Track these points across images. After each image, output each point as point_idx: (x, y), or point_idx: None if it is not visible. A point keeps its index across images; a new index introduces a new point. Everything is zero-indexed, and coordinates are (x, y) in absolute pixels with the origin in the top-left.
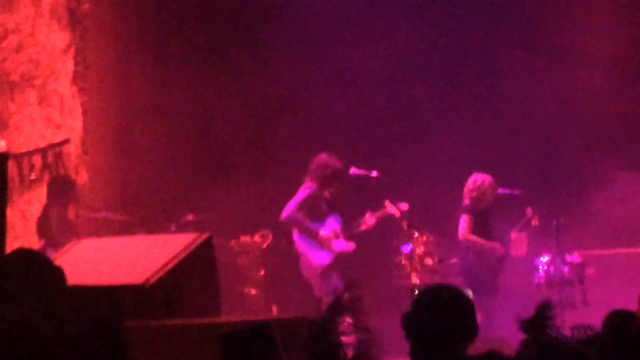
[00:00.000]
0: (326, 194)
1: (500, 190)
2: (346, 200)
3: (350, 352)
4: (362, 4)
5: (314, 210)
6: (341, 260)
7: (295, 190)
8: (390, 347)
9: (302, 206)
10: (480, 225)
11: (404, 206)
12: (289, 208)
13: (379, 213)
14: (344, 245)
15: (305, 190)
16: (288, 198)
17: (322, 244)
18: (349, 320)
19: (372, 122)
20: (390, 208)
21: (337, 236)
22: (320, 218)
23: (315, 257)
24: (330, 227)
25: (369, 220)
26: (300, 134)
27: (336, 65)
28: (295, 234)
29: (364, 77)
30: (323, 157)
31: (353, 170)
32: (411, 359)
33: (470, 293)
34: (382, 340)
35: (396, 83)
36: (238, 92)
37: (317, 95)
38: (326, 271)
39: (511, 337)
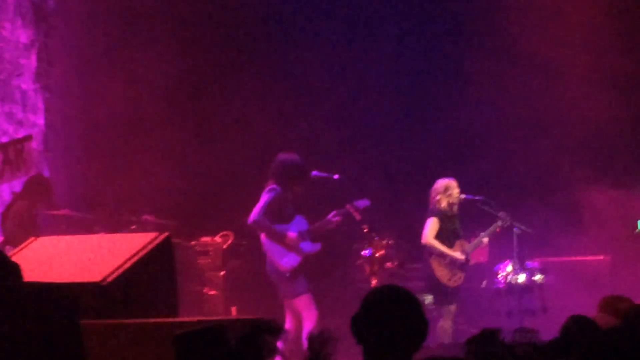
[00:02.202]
0: (291, 195)
1: (463, 196)
2: (308, 202)
3: None
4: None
5: (280, 212)
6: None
7: (259, 193)
8: (349, 352)
9: (267, 209)
10: (445, 230)
11: (365, 202)
12: (256, 212)
13: (344, 211)
14: (311, 247)
15: (270, 193)
16: (251, 198)
17: (290, 247)
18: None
19: (335, 123)
20: (352, 211)
21: (303, 238)
22: (286, 220)
23: (283, 260)
24: (296, 229)
25: (336, 219)
26: (269, 128)
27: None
28: (263, 238)
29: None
30: (285, 157)
31: (315, 173)
32: None
33: (430, 298)
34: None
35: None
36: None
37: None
38: (294, 273)
39: None
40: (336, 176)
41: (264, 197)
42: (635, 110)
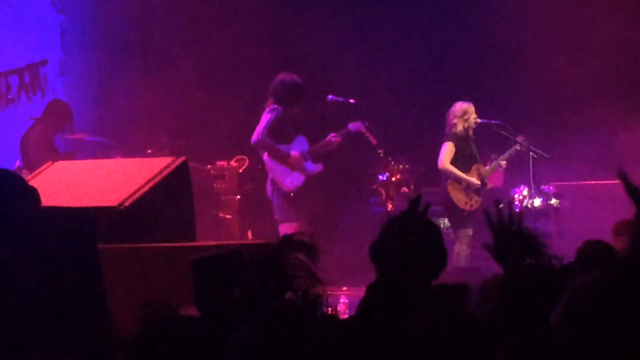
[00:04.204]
0: (291, 114)
1: (480, 120)
2: (316, 124)
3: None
4: None
5: (281, 132)
6: (318, 187)
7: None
8: (362, 275)
9: (269, 129)
10: (461, 154)
11: (359, 125)
12: (258, 132)
13: (342, 132)
14: (314, 167)
15: (271, 113)
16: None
17: (294, 167)
18: (300, 258)
19: (347, 52)
20: (368, 135)
21: (305, 158)
22: (287, 140)
23: (287, 180)
24: (298, 149)
25: (334, 139)
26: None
27: None
28: (265, 157)
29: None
30: (284, 76)
31: (331, 97)
32: (373, 289)
33: (447, 221)
34: (356, 269)
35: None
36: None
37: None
38: (299, 192)
39: (485, 267)
40: (352, 100)
41: (266, 117)
42: None
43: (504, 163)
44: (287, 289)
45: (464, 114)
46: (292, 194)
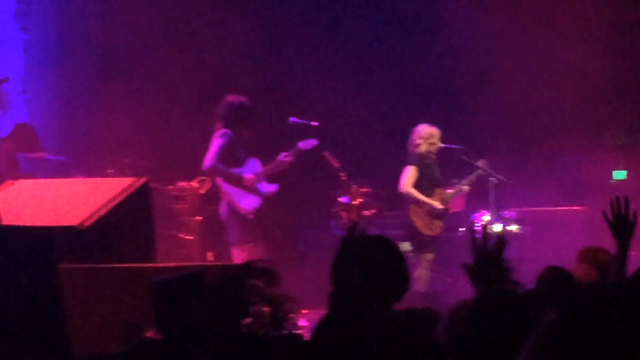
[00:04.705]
0: (241, 136)
1: (442, 145)
2: (278, 146)
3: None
4: None
5: (233, 156)
6: (278, 209)
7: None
8: (322, 297)
9: (221, 154)
10: (424, 178)
11: (313, 142)
12: (210, 157)
13: (293, 151)
14: (269, 187)
15: (222, 138)
16: None
17: (248, 189)
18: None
19: (310, 72)
20: (330, 159)
21: (259, 180)
22: (239, 163)
23: (243, 202)
24: (250, 171)
25: (286, 159)
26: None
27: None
28: (219, 182)
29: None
30: (232, 99)
31: (293, 120)
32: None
33: (408, 245)
34: (317, 291)
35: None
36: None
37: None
38: (257, 214)
39: (446, 292)
40: (315, 123)
41: (217, 142)
42: (612, 61)
43: (466, 187)
44: (244, 314)
45: (429, 136)
46: (250, 216)
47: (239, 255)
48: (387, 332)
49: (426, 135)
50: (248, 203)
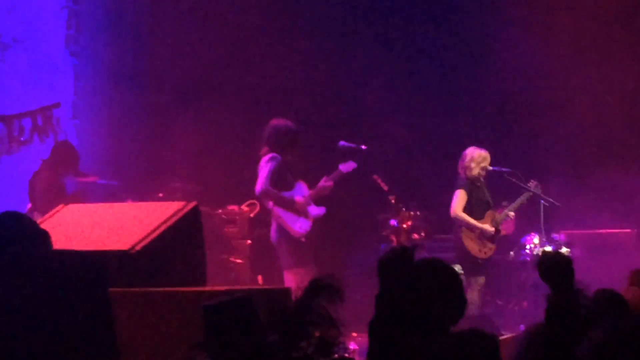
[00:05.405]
0: (288, 160)
1: (492, 168)
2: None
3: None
4: None
5: (283, 180)
6: (328, 233)
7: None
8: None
9: (272, 178)
10: (475, 201)
11: (352, 165)
12: (262, 182)
13: (334, 175)
14: (318, 210)
15: (272, 162)
16: None
17: (300, 212)
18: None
19: (362, 96)
20: (380, 182)
21: (308, 203)
22: (289, 187)
23: (296, 226)
24: (300, 194)
25: (326, 184)
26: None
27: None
28: (271, 206)
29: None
30: (277, 122)
31: (342, 143)
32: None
33: (459, 268)
34: (366, 314)
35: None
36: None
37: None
38: (309, 237)
39: (495, 315)
40: (364, 147)
41: (267, 166)
42: None
43: (512, 214)
44: (305, 337)
45: (482, 160)
46: (303, 239)
47: (292, 279)
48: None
49: (479, 159)
50: (300, 226)
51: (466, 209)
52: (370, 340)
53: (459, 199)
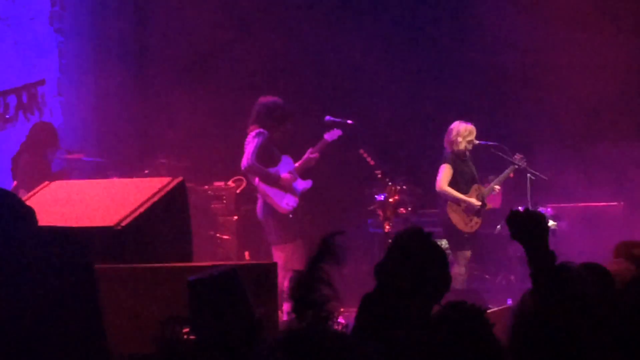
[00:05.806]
0: (276, 136)
1: (478, 142)
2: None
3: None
4: None
5: (269, 155)
6: (315, 208)
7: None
8: (359, 295)
9: (258, 154)
10: (460, 175)
11: (337, 132)
12: (247, 157)
13: (320, 145)
14: (304, 184)
15: (258, 137)
16: None
17: (286, 188)
18: (328, 271)
19: (349, 71)
20: (366, 156)
21: (294, 177)
22: (274, 162)
23: (283, 202)
24: (285, 169)
25: (312, 155)
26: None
27: None
28: (257, 182)
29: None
30: (266, 100)
31: (329, 118)
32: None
33: (445, 243)
34: (354, 288)
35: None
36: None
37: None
38: (296, 212)
39: (482, 289)
40: (350, 121)
41: (254, 142)
42: None
43: (497, 187)
44: (311, 306)
45: (468, 134)
46: (290, 215)
47: (279, 255)
48: (438, 330)
49: (465, 133)
50: (287, 203)
51: (452, 183)
52: (359, 314)
53: (445, 173)
